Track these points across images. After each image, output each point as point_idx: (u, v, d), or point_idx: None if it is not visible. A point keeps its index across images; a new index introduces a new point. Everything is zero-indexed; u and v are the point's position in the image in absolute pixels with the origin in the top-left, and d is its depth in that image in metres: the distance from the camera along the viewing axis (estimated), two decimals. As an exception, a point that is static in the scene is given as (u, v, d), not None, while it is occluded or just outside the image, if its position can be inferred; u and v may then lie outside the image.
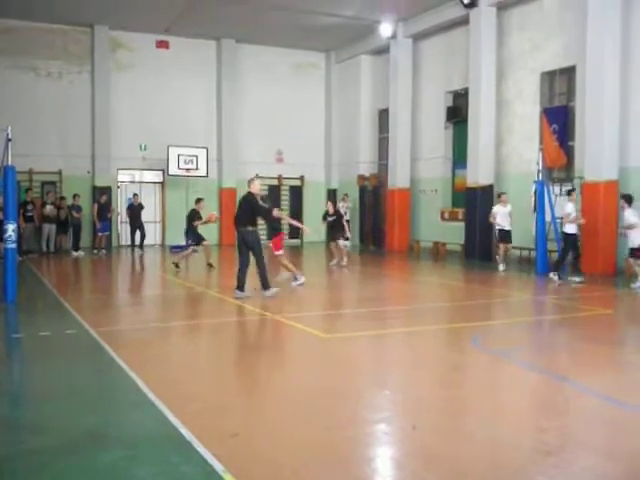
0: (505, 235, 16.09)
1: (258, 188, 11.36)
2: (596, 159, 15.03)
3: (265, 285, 11.06)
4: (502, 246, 16.14)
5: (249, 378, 6.38)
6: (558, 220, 14.49)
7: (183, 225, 16.74)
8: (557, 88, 17.58)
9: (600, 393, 5.88)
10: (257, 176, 11.78)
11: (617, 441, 4.79)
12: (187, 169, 22.47)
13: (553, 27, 16.96)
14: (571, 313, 10.36)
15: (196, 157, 22.73)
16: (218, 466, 4.10)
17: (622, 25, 14.75)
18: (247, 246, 10.98)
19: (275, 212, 12.43)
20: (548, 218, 15.58)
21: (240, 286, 10.99)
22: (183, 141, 22.73)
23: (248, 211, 11.08)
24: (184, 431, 4.70)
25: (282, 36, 23.46)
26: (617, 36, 14.74)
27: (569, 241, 13.98)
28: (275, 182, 25.46)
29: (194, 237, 15.93)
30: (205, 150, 22.94)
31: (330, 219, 17.31)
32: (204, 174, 22.93)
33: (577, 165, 16.23)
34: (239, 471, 4.04)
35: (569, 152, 16.59)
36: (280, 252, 13.25)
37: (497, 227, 16.17)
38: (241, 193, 24.10)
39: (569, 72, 16.85)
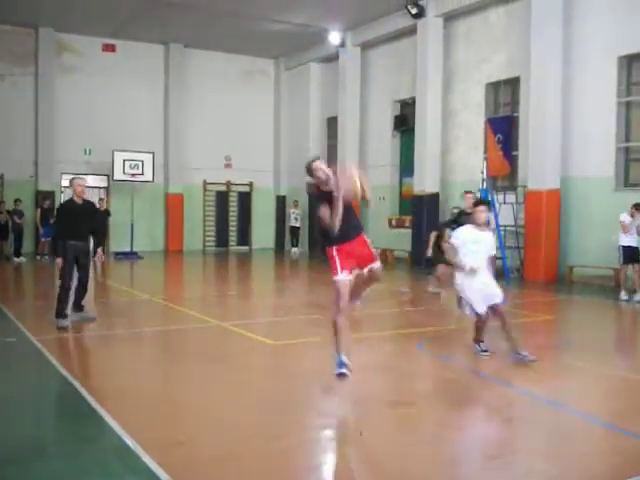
0: None
1: (80, 190, 8.96)
2: (539, 168, 15.40)
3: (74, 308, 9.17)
4: None
5: (194, 387, 6.30)
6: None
7: (128, 231, 16.45)
8: (502, 99, 17.97)
9: (543, 397, 6.01)
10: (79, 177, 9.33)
11: (560, 445, 4.90)
12: (132, 174, 22.12)
13: (498, 39, 17.34)
14: (514, 319, 10.55)
15: (142, 162, 22.38)
16: (163, 475, 4.04)
17: (564, 38, 15.18)
18: (81, 260, 9.01)
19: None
20: (493, 225, 15.86)
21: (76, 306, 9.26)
22: (129, 146, 22.39)
23: (88, 221, 9.13)
24: (128, 440, 4.62)
25: (231, 42, 23.36)
26: (559, 48, 15.17)
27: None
28: (224, 188, 25.32)
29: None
30: (151, 155, 22.63)
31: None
32: (150, 179, 22.62)
33: (520, 174, 16.60)
34: (185, 480, 3.99)
35: (513, 161, 16.96)
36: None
37: None
38: (189, 199, 24.34)
39: (513, 83, 17.24)
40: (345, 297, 6.17)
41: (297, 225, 24.47)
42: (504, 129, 17.05)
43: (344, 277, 6.19)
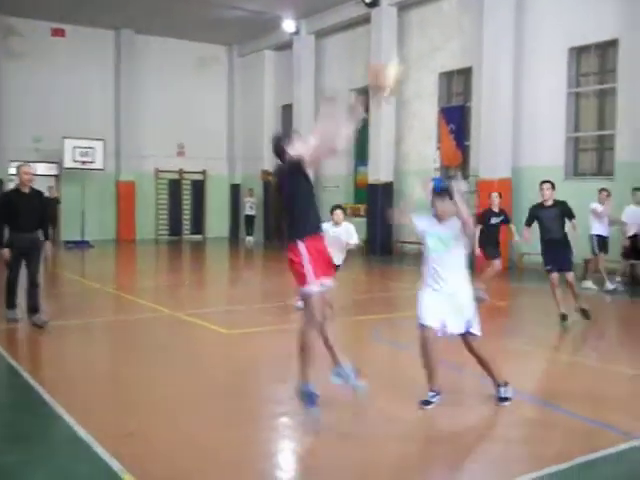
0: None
1: (26, 179, 8.21)
2: (490, 158, 15.63)
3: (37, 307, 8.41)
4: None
5: (147, 376, 6.24)
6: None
7: (79, 219, 16.11)
8: (454, 88, 18.16)
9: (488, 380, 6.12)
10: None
11: (508, 427, 5.00)
12: (83, 162, 21.70)
13: (451, 29, 17.49)
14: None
15: (93, 149, 21.98)
16: (116, 465, 4.00)
17: (516, 28, 15.41)
18: (31, 253, 8.30)
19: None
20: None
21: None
22: (79, 133, 21.92)
23: (35, 212, 8.32)
24: (81, 431, 4.56)
25: (184, 28, 23.04)
26: (511, 39, 15.39)
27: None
28: (176, 176, 25.04)
29: None
30: (102, 142, 22.22)
31: (495, 221, 11.08)
32: (101, 167, 22.22)
33: (472, 163, 16.82)
34: (138, 470, 3.95)
35: (465, 151, 17.18)
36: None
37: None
38: (140, 187, 23.99)
39: (466, 73, 17.44)
40: (320, 313, 4.88)
41: (252, 214, 24.36)
42: (457, 119, 17.26)
43: (319, 288, 4.78)
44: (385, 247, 18.64)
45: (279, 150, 4.94)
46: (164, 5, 20.45)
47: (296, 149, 4.84)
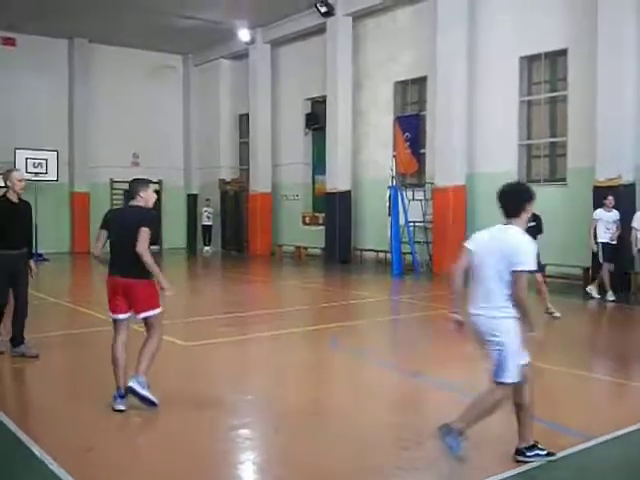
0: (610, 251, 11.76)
1: (20, 186, 7.20)
2: (445, 166, 15.83)
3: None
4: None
5: (104, 391, 6.12)
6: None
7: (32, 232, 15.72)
8: (409, 97, 18.36)
9: (452, 386, 6.18)
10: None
11: (469, 432, 5.05)
12: (36, 173, 21.27)
13: (406, 39, 17.67)
14: (424, 312, 10.83)
15: (46, 160, 21.58)
16: (72, 483, 3.92)
17: (469, 38, 15.65)
18: (20, 275, 7.21)
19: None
20: (402, 222, 16.24)
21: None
22: (32, 144, 21.50)
23: (24, 225, 7.36)
24: (35, 448, 4.46)
25: (138, 37, 22.81)
26: (464, 48, 15.63)
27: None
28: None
29: None
30: (55, 153, 21.83)
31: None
32: (54, 178, 21.81)
33: (428, 171, 17.00)
34: (95, 487, 3.88)
35: (420, 159, 17.36)
36: None
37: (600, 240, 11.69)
38: (95, 198, 23.60)
39: (420, 82, 17.64)
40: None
41: (209, 223, 24.22)
42: (412, 127, 17.45)
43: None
44: (343, 255, 18.69)
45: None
46: (118, 14, 20.21)
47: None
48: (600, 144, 12.86)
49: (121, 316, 5.54)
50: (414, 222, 16.72)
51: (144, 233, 5.37)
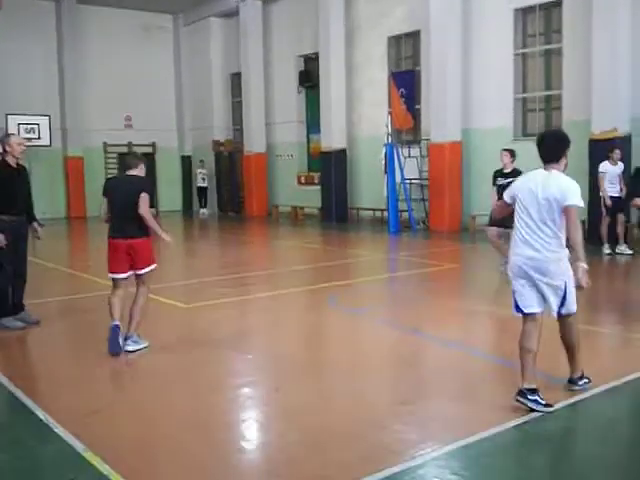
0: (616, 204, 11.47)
1: (20, 151, 7.01)
2: (441, 121, 15.73)
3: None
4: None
5: (104, 354, 6.19)
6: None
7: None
8: (403, 53, 18.14)
9: (450, 342, 6.26)
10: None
11: (467, 386, 5.13)
12: (29, 138, 21.05)
13: (398, -8, 17.39)
14: (421, 269, 10.89)
15: (38, 125, 21.39)
16: (78, 445, 3.99)
17: (461, -8, 15.43)
18: (23, 240, 7.24)
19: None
20: (398, 179, 16.22)
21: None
22: (23, 109, 21.26)
23: (24, 191, 7.37)
24: (39, 412, 4.52)
25: (126, -3, 22.44)
26: (458, 2, 15.38)
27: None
28: (125, 149, 24.54)
29: None
30: (48, 118, 21.62)
31: (504, 181, 9.52)
32: (47, 143, 21.64)
33: (423, 127, 16.91)
34: (101, 448, 3.94)
35: (416, 115, 17.24)
36: None
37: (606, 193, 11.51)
38: (89, 162, 23.44)
39: (414, 37, 17.42)
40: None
41: (204, 185, 24.14)
42: (407, 83, 17.28)
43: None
44: (340, 214, 18.69)
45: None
46: (104, -27, 19.85)
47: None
48: (595, 97, 12.78)
49: (122, 275, 6.12)
50: (410, 179, 16.69)
51: (145, 198, 5.97)
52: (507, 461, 3.90)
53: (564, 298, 4.45)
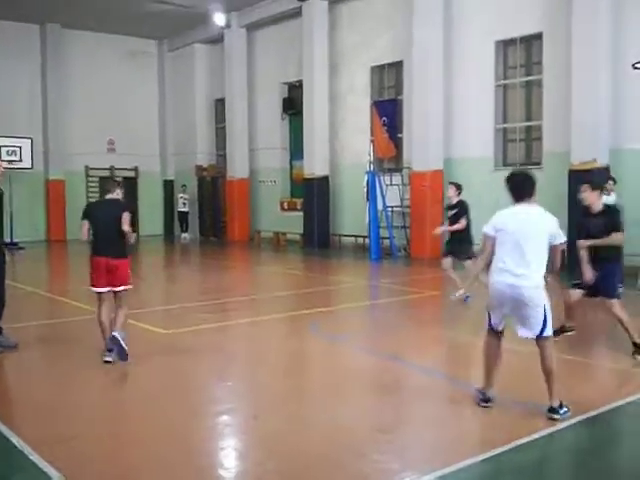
0: None
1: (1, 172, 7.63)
2: (423, 150, 15.88)
3: None
4: None
5: (80, 381, 6.11)
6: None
7: (7, 220, 15.58)
8: (386, 82, 18.35)
9: (429, 370, 6.25)
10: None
11: (444, 414, 5.12)
12: (10, 161, 20.98)
13: (382, 23, 17.63)
14: (402, 296, 10.91)
15: (20, 148, 21.32)
16: (53, 473, 3.92)
17: (444, 22, 15.66)
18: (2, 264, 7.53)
19: None
20: (380, 207, 16.30)
21: None
22: (5, 131, 21.18)
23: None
24: (14, 439, 4.45)
25: (111, 22, 22.50)
26: (440, 33, 15.64)
27: None
28: (107, 173, 24.47)
29: None
30: (30, 140, 21.57)
31: (450, 213, 10.10)
32: (29, 166, 21.56)
33: (405, 156, 17.05)
34: (77, 475, 3.89)
35: (398, 143, 17.40)
36: None
37: None
38: (71, 185, 23.32)
39: (397, 66, 17.64)
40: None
41: (185, 210, 24.10)
42: (389, 112, 17.46)
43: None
44: (322, 240, 18.72)
45: None
46: (90, -2, 19.93)
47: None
48: (575, 128, 12.99)
49: (103, 289, 6.64)
50: (392, 207, 16.79)
51: (127, 217, 6.56)
52: (486, 491, 3.89)
53: (544, 322, 4.78)
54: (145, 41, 25.11)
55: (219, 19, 21.40)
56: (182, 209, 24.10)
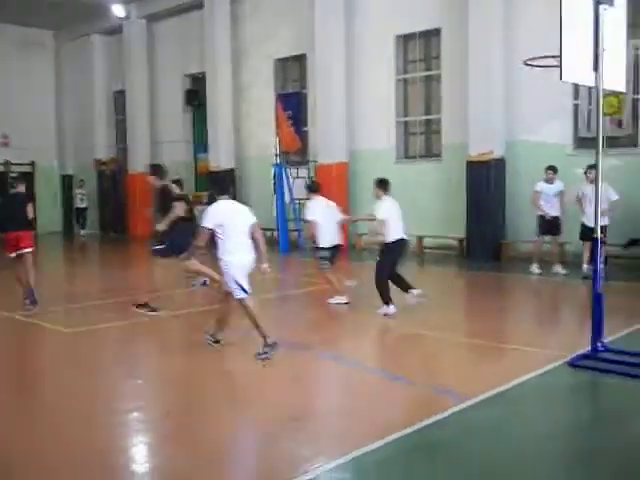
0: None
1: None
2: (328, 143, 16.06)
3: None
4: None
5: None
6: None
7: None
8: (290, 75, 18.40)
9: (337, 358, 6.36)
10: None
11: (356, 400, 5.24)
12: None
13: (285, 16, 17.63)
14: (308, 287, 11.01)
15: None
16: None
17: (345, 17, 15.85)
18: None
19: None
20: (287, 200, 16.36)
21: None
22: None
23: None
24: None
25: (4, 11, 21.41)
26: (342, 27, 15.82)
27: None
28: (1, 168, 23.38)
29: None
30: None
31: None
32: None
33: (311, 149, 17.18)
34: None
35: (304, 137, 17.47)
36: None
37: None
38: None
39: (301, 60, 17.71)
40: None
41: (83, 206, 23.33)
42: (294, 105, 17.48)
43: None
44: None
45: None
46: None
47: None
48: (472, 121, 13.47)
49: (17, 253, 8.88)
50: (299, 200, 16.85)
51: (30, 207, 9.17)
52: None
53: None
54: (41, 31, 24.06)
55: (118, 10, 20.83)
56: (80, 205, 23.33)
